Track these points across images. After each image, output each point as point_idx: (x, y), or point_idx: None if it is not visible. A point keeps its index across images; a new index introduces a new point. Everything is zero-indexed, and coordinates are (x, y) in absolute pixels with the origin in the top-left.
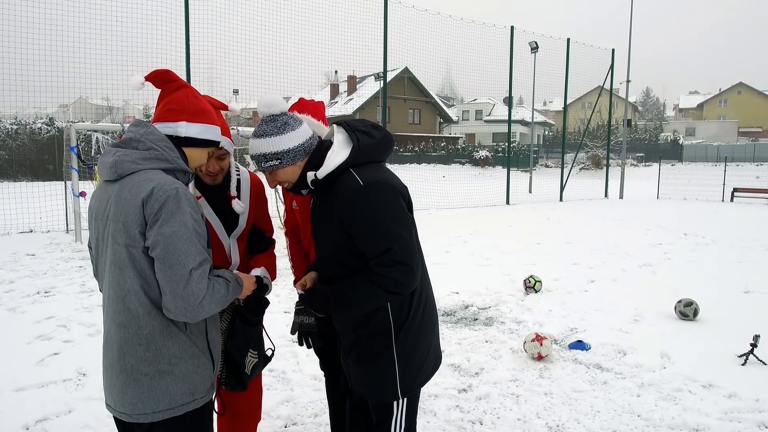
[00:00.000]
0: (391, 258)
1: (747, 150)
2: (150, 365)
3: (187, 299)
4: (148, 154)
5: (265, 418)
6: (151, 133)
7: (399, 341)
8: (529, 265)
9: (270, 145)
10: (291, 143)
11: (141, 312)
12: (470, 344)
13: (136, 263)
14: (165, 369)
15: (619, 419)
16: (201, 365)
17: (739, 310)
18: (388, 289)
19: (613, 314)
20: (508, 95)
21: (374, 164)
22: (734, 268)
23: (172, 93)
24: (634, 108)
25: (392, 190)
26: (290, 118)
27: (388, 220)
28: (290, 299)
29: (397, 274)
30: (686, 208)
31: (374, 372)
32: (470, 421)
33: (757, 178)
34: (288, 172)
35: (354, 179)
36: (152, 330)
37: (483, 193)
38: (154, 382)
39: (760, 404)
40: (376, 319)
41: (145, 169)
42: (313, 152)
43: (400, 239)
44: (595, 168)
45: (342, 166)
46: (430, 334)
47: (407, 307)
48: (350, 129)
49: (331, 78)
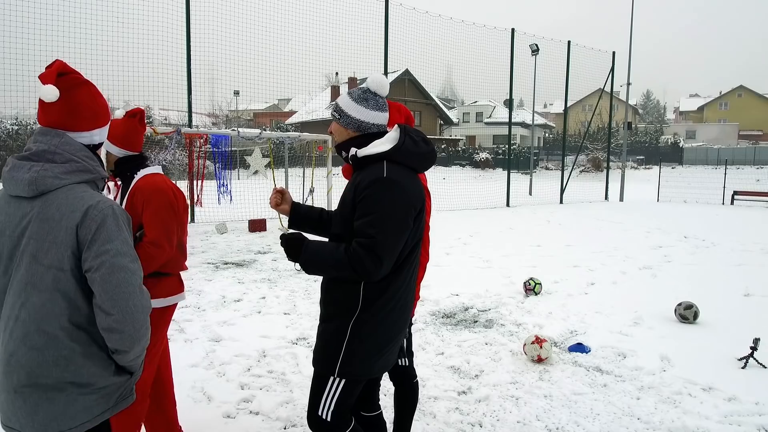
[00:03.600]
0: (370, 244)
1: (747, 153)
2: (67, 384)
3: (133, 314)
4: (69, 167)
5: (264, 420)
6: (67, 144)
7: (356, 323)
8: (529, 268)
9: (344, 102)
10: (355, 113)
11: (61, 335)
12: (470, 346)
13: (60, 286)
14: (84, 387)
15: (618, 422)
16: (122, 376)
17: (739, 313)
18: (354, 267)
19: (613, 317)
20: (508, 97)
21: (407, 169)
22: (734, 271)
23: (73, 91)
24: (635, 111)
25: (405, 197)
26: (374, 98)
27: (385, 216)
28: (290, 300)
29: (367, 259)
30: (686, 211)
31: (324, 340)
32: (470, 424)
33: (757, 182)
34: (339, 130)
35: (381, 169)
36: (72, 350)
37: (483, 195)
38: (71, 399)
39: (760, 407)
40: (348, 294)
41: (70, 184)
42: (366, 134)
43: (384, 234)
44: (596, 171)
45: (379, 155)
46: (387, 336)
47: (377, 298)
48: (403, 130)
49: (332, 80)
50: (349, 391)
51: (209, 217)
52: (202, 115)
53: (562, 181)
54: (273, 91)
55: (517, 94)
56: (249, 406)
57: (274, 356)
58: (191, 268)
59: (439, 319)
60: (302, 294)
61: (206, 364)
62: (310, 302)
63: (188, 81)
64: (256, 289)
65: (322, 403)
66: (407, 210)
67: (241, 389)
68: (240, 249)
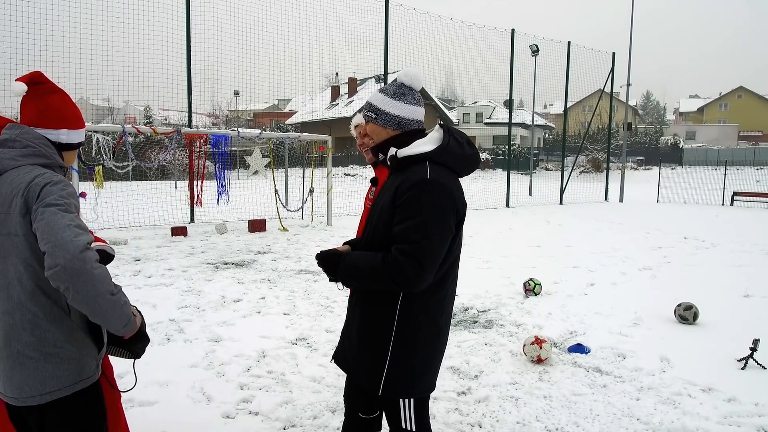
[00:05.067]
0: (411, 250)
1: (747, 154)
2: (34, 349)
3: (66, 248)
4: (26, 151)
5: (263, 420)
6: (26, 133)
7: (396, 341)
8: (529, 268)
9: (378, 100)
10: (393, 110)
11: (24, 298)
12: (470, 347)
13: (18, 251)
14: (50, 352)
15: (618, 423)
16: (86, 347)
17: (739, 314)
18: (393, 276)
19: (612, 317)
20: (508, 98)
21: (450, 171)
22: (734, 272)
23: (45, 96)
24: (635, 111)
25: (450, 200)
26: (411, 93)
27: (429, 219)
28: (289, 300)
29: (407, 266)
30: (686, 212)
31: (365, 356)
32: (469, 424)
33: (757, 182)
34: (376, 130)
35: (425, 170)
36: (35, 315)
37: (483, 195)
38: (40, 365)
39: (760, 408)
40: (382, 311)
41: (24, 165)
42: (407, 131)
43: (428, 239)
44: (596, 171)
45: (422, 156)
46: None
47: (417, 315)
48: (447, 131)
49: (332, 80)
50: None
51: (209, 217)
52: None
53: (562, 181)
54: (273, 92)
55: (517, 95)
56: (248, 406)
57: (274, 356)
58: (191, 268)
59: None
60: (302, 294)
61: (206, 365)
62: (309, 302)
63: (188, 81)
64: (255, 290)
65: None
66: (451, 215)
67: (240, 389)
68: (240, 249)
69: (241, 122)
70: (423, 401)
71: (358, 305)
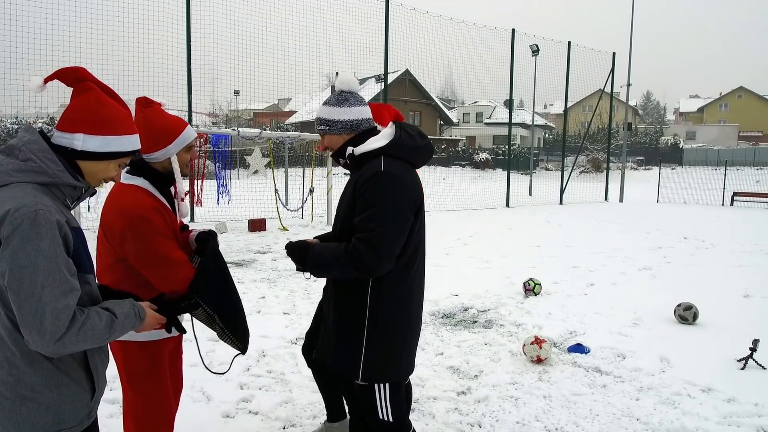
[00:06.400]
0: (368, 237)
1: (747, 154)
2: (11, 390)
3: (42, 334)
4: (24, 165)
5: (263, 420)
6: (32, 142)
7: (370, 327)
8: (529, 268)
9: (326, 112)
10: (342, 116)
11: (4, 335)
12: (469, 347)
13: None
14: (27, 395)
15: (618, 423)
16: (71, 394)
17: (739, 314)
18: (353, 263)
19: (612, 318)
20: (508, 98)
21: (404, 163)
22: (734, 272)
23: (77, 96)
24: (635, 111)
25: (403, 189)
26: (352, 96)
27: (385, 208)
28: (289, 300)
29: (365, 253)
30: (686, 212)
31: (342, 346)
32: (469, 424)
33: (757, 183)
34: (333, 139)
35: (379, 164)
36: (13, 354)
37: (483, 195)
38: (15, 406)
39: (759, 408)
40: (354, 299)
41: (19, 182)
42: (361, 132)
43: (384, 227)
44: (596, 171)
45: (376, 151)
46: (402, 339)
47: (387, 302)
48: (398, 126)
49: (332, 80)
50: (395, 391)
51: (209, 217)
52: (202, 114)
53: (562, 181)
54: (273, 91)
55: (517, 95)
56: (248, 405)
57: (274, 356)
58: None
59: (438, 319)
60: (302, 294)
61: (205, 364)
62: (309, 302)
63: (188, 81)
64: (255, 289)
65: (380, 411)
66: (407, 203)
67: (240, 389)
68: (239, 249)
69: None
70: (397, 386)
71: (332, 296)
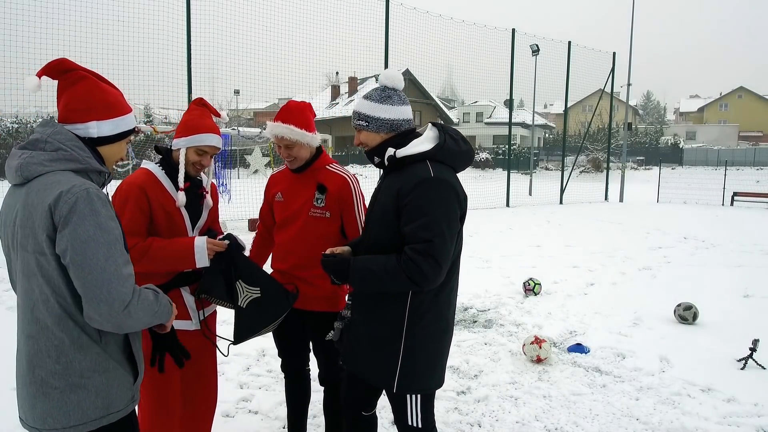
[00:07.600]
0: (427, 249)
1: (747, 154)
2: (60, 378)
3: (110, 303)
4: (56, 155)
5: (263, 419)
6: (58, 133)
7: (408, 337)
8: (529, 268)
9: (366, 107)
10: (383, 114)
11: (50, 322)
12: (469, 346)
13: (44, 271)
14: (76, 382)
15: (617, 423)
16: (117, 378)
17: (739, 314)
18: (411, 276)
19: (612, 317)
20: (508, 98)
21: (448, 168)
22: (734, 272)
23: (72, 86)
24: (635, 111)
25: (455, 195)
26: (396, 94)
27: (439, 216)
28: None
29: (425, 265)
30: (686, 212)
31: (377, 356)
32: (469, 424)
33: (757, 183)
34: (370, 136)
35: (427, 170)
36: (62, 342)
37: (483, 195)
38: (65, 395)
39: (759, 408)
40: (392, 308)
41: (54, 171)
42: (401, 132)
43: (442, 236)
44: (596, 171)
45: (421, 155)
46: (440, 350)
47: (427, 311)
48: (443, 130)
49: (332, 79)
50: (428, 398)
51: None
52: None
53: (562, 181)
54: (273, 91)
55: (518, 95)
56: (248, 405)
57: (273, 355)
58: None
59: None
60: None
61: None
62: None
63: (188, 80)
64: None
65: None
66: (455, 205)
67: (240, 388)
68: None
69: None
70: (429, 397)
71: (363, 306)
